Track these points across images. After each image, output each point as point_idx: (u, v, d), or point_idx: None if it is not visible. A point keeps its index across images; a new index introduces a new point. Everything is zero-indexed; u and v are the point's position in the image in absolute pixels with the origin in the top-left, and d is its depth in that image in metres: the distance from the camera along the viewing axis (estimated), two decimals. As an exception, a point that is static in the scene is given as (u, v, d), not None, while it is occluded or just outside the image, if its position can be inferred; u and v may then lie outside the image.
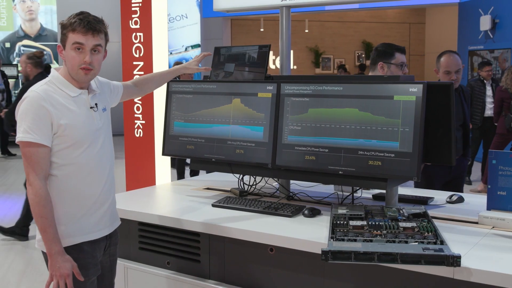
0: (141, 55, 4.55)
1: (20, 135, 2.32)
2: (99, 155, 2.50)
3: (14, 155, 11.96)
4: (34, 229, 6.33)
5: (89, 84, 2.53)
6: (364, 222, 2.51)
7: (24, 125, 2.32)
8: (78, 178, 2.43)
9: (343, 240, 2.32)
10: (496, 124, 8.09)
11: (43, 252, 2.45)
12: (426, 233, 2.37)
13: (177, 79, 3.46)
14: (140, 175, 4.73)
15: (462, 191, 4.08)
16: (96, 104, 2.51)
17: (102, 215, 2.54)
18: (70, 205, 2.43)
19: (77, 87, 2.45)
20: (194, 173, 8.13)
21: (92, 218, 2.49)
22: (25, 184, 5.83)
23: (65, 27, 2.39)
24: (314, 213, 2.89)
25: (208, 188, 3.61)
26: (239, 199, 3.16)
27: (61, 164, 2.40)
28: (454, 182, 4.19)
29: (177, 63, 10.28)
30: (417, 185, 4.24)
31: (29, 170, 2.35)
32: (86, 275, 2.44)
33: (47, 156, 2.35)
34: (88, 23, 2.36)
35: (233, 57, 3.32)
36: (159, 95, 4.36)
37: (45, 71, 11.41)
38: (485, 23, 10.95)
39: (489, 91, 8.57)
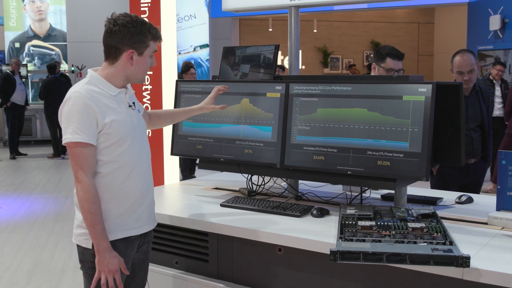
0: (150, 55, 4.55)
1: (69, 136, 2.34)
2: (139, 153, 2.54)
3: (25, 154, 12.03)
4: (39, 230, 6.37)
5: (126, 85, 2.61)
6: (373, 223, 2.51)
7: (72, 126, 2.34)
8: (121, 175, 2.46)
9: (351, 240, 2.31)
10: (506, 123, 8.05)
11: (78, 246, 2.48)
12: (435, 233, 2.37)
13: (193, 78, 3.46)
14: (149, 175, 4.73)
15: None
16: (133, 103, 2.59)
17: (141, 214, 2.56)
18: (111, 202, 2.45)
19: (116, 87, 2.50)
20: (191, 170, 8.26)
21: (130, 216, 2.51)
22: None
23: (145, 35, 2.47)
24: (322, 213, 2.88)
25: (216, 188, 3.61)
26: (248, 199, 3.16)
27: (105, 161, 2.42)
28: (470, 187, 4.16)
29: (186, 63, 10.31)
30: (432, 187, 4.23)
31: (77, 169, 2.36)
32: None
33: (94, 154, 2.38)
34: (159, 32, 2.55)
35: (247, 58, 3.32)
36: (168, 95, 4.37)
37: (52, 70, 11.57)
38: (494, 23, 10.90)
39: (497, 91, 8.52)
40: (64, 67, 14.42)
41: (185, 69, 8.52)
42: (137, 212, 2.53)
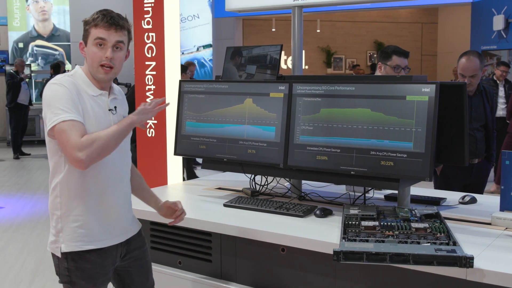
0: (153, 55, 4.55)
1: (54, 118, 2.19)
2: (114, 161, 2.39)
3: (29, 154, 12.05)
4: (43, 229, 6.38)
5: (111, 87, 2.47)
6: (376, 223, 2.51)
7: (53, 108, 2.21)
8: (90, 181, 2.34)
9: (355, 240, 2.31)
10: (508, 121, 8.04)
11: (53, 255, 2.40)
12: (439, 234, 2.36)
13: (190, 78, 3.45)
14: (152, 175, 4.73)
15: None
16: (115, 107, 2.43)
17: (113, 223, 2.43)
18: (79, 204, 2.34)
19: (98, 88, 2.38)
20: (190, 174, 8.24)
21: (102, 225, 2.38)
22: None
23: (88, 23, 2.34)
24: (325, 213, 2.88)
25: (219, 188, 3.61)
26: (251, 199, 3.16)
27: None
28: (474, 187, 4.15)
29: (188, 63, 10.31)
30: (436, 187, 4.23)
31: (67, 140, 2.17)
32: (94, 284, 2.38)
33: (84, 129, 2.22)
34: (111, 18, 2.32)
35: (254, 59, 3.31)
36: (171, 95, 4.37)
37: (56, 70, 11.60)
38: (498, 22, 10.88)
39: (501, 92, 8.51)
40: (67, 67, 14.43)
41: (182, 70, 8.57)
42: (107, 222, 2.40)
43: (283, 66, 15.63)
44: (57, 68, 11.70)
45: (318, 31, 16.66)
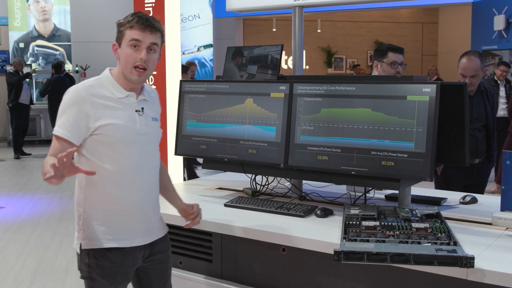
0: (154, 55, 4.56)
1: (55, 129, 2.30)
2: (139, 161, 2.41)
3: (29, 154, 12.05)
4: (43, 229, 6.38)
5: (142, 88, 2.48)
6: (377, 223, 2.51)
7: (60, 120, 2.30)
8: (114, 180, 2.35)
9: (355, 240, 2.31)
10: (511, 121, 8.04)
11: (81, 249, 2.38)
12: (439, 234, 2.36)
13: (191, 78, 3.45)
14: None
15: None
16: (142, 108, 2.44)
17: (137, 224, 2.43)
18: (104, 206, 2.36)
19: (125, 89, 2.40)
20: (190, 174, 8.22)
21: (121, 226, 2.39)
22: None
23: (122, 25, 2.36)
24: (326, 213, 2.88)
25: (220, 188, 3.62)
26: (252, 199, 3.16)
27: (97, 164, 2.32)
28: (474, 187, 4.15)
29: (189, 63, 10.31)
30: (436, 187, 4.23)
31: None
32: (112, 283, 2.39)
33: (65, 149, 2.21)
34: (146, 20, 2.34)
35: (255, 59, 3.31)
36: (172, 95, 4.37)
37: (57, 69, 11.61)
38: (499, 22, 10.88)
39: (502, 92, 8.51)
40: (68, 67, 14.44)
41: (183, 70, 8.57)
42: (129, 223, 2.41)
43: (283, 66, 15.63)
44: (58, 67, 11.71)
45: (319, 31, 16.67)
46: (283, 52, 3.53)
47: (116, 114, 2.34)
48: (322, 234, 2.58)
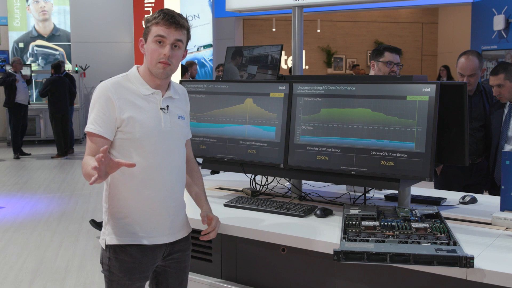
0: (153, 55, 4.56)
1: (87, 126, 2.35)
2: (162, 159, 2.42)
3: (29, 154, 12.05)
4: (43, 229, 6.38)
5: (170, 86, 2.51)
6: (377, 223, 2.51)
7: (91, 116, 2.35)
8: (137, 177, 2.37)
9: (355, 240, 2.31)
10: None
11: (105, 245, 2.42)
12: (439, 234, 2.36)
13: (190, 79, 3.46)
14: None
15: None
16: (167, 106, 2.46)
17: (160, 223, 2.44)
18: (127, 203, 2.39)
19: (151, 86, 2.43)
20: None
21: (144, 224, 2.41)
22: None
23: (149, 21, 2.39)
24: (326, 213, 2.88)
25: (220, 188, 3.61)
26: (251, 199, 3.16)
27: (122, 159, 2.29)
28: (474, 187, 4.16)
29: (190, 62, 10.30)
30: (436, 187, 4.24)
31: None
32: (130, 278, 2.40)
33: (102, 145, 2.27)
34: (172, 17, 2.36)
35: (255, 59, 3.32)
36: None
37: (57, 69, 11.61)
38: (498, 22, 10.89)
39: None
40: (67, 67, 14.44)
41: (184, 70, 8.56)
42: (152, 221, 2.42)
43: (283, 66, 15.63)
44: (58, 67, 11.69)
45: (319, 31, 16.68)
46: (283, 52, 3.52)
47: (141, 111, 2.38)
48: (321, 234, 2.58)
